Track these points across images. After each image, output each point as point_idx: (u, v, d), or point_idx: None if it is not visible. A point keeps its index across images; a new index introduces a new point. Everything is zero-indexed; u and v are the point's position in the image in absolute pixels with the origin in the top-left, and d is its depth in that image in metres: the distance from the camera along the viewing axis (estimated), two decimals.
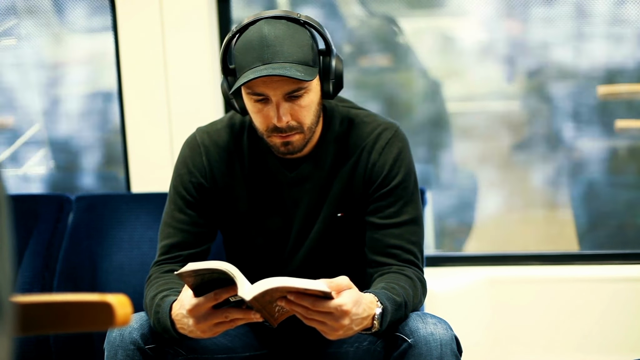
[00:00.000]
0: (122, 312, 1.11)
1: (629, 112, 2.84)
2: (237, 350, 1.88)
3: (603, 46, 2.78)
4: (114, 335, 1.70)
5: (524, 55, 2.87)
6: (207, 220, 1.87)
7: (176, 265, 1.81)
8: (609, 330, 2.50)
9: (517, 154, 3.04)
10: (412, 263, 1.80)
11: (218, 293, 1.59)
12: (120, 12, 2.52)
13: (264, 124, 1.74)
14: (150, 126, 2.56)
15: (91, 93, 3.15)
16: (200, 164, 1.87)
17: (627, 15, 2.69)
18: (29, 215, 2.38)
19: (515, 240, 3.09)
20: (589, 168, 2.95)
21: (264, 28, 1.70)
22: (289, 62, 1.67)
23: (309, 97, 1.73)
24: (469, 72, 2.99)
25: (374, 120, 1.87)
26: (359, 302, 1.59)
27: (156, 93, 2.54)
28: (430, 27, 2.89)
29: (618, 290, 2.50)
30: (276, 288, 1.52)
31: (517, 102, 3.02)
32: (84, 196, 2.44)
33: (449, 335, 1.64)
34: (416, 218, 1.82)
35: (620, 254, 2.60)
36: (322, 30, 1.75)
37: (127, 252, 2.35)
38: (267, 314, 1.60)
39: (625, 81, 2.77)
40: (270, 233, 1.88)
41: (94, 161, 3.10)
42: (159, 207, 2.04)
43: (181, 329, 1.66)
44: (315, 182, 1.85)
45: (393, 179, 1.82)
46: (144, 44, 2.53)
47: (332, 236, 1.86)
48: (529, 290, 2.55)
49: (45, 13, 2.93)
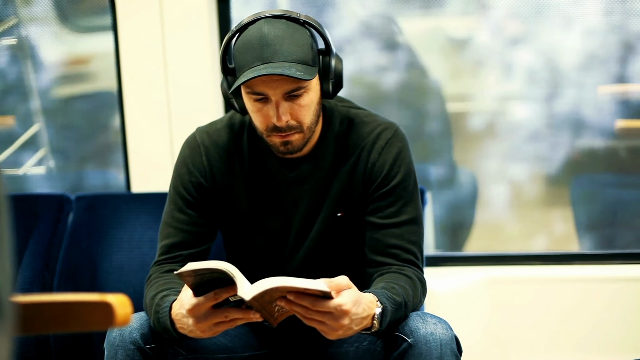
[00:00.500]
0: (122, 312, 1.11)
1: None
2: (237, 350, 1.88)
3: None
4: (114, 335, 1.70)
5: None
6: (207, 220, 1.87)
7: (176, 265, 1.81)
8: (608, 330, 2.50)
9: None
10: (412, 263, 1.80)
11: (218, 293, 1.59)
12: (120, 12, 2.52)
13: (263, 124, 1.74)
14: (150, 126, 2.56)
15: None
16: (200, 163, 1.87)
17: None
18: (29, 215, 2.38)
19: (515, 240, 3.09)
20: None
21: (263, 27, 1.70)
22: (288, 61, 1.67)
23: (309, 97, 1.73)
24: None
25: (374, 120, 1.87)
26: (359, 301, 1.59)
27: (156, 93, 2.54)
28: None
29: (618, 290, 2.50)
30: (276, 288, 1.52)
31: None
32: (84, 196, 2.44)
33: (449, 335, 1.64)
34: (416, 218, 1.82)
35: (620, 254, 2.60)
36: (322, 30, 1.75)
37: (127, 252, 2.35)
38: (266, 314, 1.60)
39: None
40: (270, 233, 1.88)
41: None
42: (159, 207, 2.04)
43: (181, 329, 1.66)
44: (315, 182, 1.85)
45: (393, 178, 1.82)
46: (144, 44, 2.53)
47: (331, 236, 1.86)
48: (529, 290, 2.55)
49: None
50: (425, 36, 2.98)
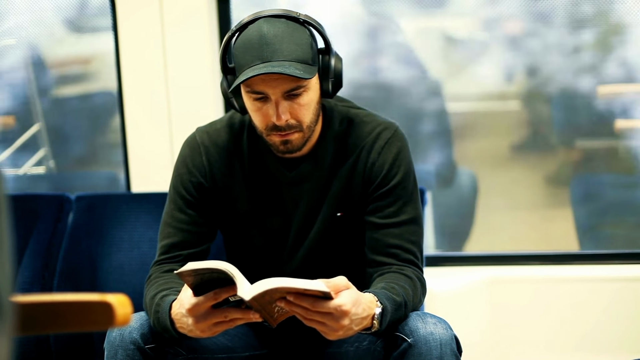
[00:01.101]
0: (122, 312, 1.11)
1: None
2: (237, 350, 1.88)
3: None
4: (114, 335, 1.70)
5: None
6: (207, 220, 1.87)
7: (176, 265, 1.81)
8: (609, 330, 2.50)
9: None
10: (411, 263, 1.80)
11: (217, 292, 1.59)
12: (120, 11, 2.52)
13: (263, 123, 1.74)
14: (150, 126, 2.56)
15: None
16: (200, 163, 1.87)
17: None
18: (29, 215, 2.38)
19: (515, 240, 3.09)
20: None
21: (263, 27, 1.70)
22: (288, 60, 1.67)
23: (308, 96, 1.73)
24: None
25: (374, 119, 1.87)
26: (359, 302, 1.59)
27: (156, 93, 2.54)
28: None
29: (618, 290, 2.50)
30: (275, 289, 1.52)
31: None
32: (84, 196, 2.44)
33: (449, 335, 1.64)
34: (416, 218, 1.82)
35: (620, 253, 2.60)
36: (322, 29, 1.75)
37: (127, 252, 2.35)
38: (266, 314, 1.60)
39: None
40: (269, 233, 1.88)
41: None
42: (159, 207, 2.04)
43: (181, 329, 1.66)
44: (315, 181, 1.85)
45: (392, 178, 1.82)
46: (144, 44, 2.52)
47: (331, 236, 1.86)
48: (529, 290, 2.55)
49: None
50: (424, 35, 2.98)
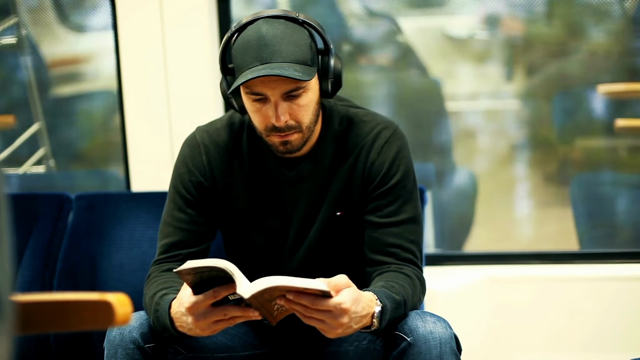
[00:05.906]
0: (122, 311, 1.12)
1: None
2: (237, 349, 1.88)
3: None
4: (113, 334, 1.70)
5: None
6: (206, 219, 1.87)
7: (176, 264, 1.81)
8: (609, 329, 2.50)
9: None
10: (411, 262, 1.80)
11: (217, 291, 1.59)
12: (120, 10, 2.52)
13: (262, 124, 1.75)
14: (150, 125, 2.56)
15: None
16: (200, 163, 1.87)
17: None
18: (29, 215, 2.38)
19: (515, 239, 3.09)
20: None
21: (262, 27, 1.70)
22: (287, 61, 1.67)
23: (308, 97, 1.73)
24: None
25: (373, 119, 1.87)
26: (358, 300, 1.59)
27: (156, 92, 2.54)
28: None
29: (619, 290, 2.50)
30: (275, 287, 1.52)
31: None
32: (84, 195, 2.44)
33: (448, 334, 1.64)
34: (415, 217, 1.82)
35: (621, 252, 2.60)
36: (321, 30, 1.76)
37: (127, 252, 2.35)
38: (266, 312, 1.60)
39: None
40: (269, 232, 1.89)
41: None
42: (159, 206, 2.04)
43: (180, 327, 1.66)
44: (315, 181, 1.85)
45: (392, 177, 1.82)
46: (144, 43, 2.53)
47: (331, 235, 1.86)
48: (529, 290, 2.55)
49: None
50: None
